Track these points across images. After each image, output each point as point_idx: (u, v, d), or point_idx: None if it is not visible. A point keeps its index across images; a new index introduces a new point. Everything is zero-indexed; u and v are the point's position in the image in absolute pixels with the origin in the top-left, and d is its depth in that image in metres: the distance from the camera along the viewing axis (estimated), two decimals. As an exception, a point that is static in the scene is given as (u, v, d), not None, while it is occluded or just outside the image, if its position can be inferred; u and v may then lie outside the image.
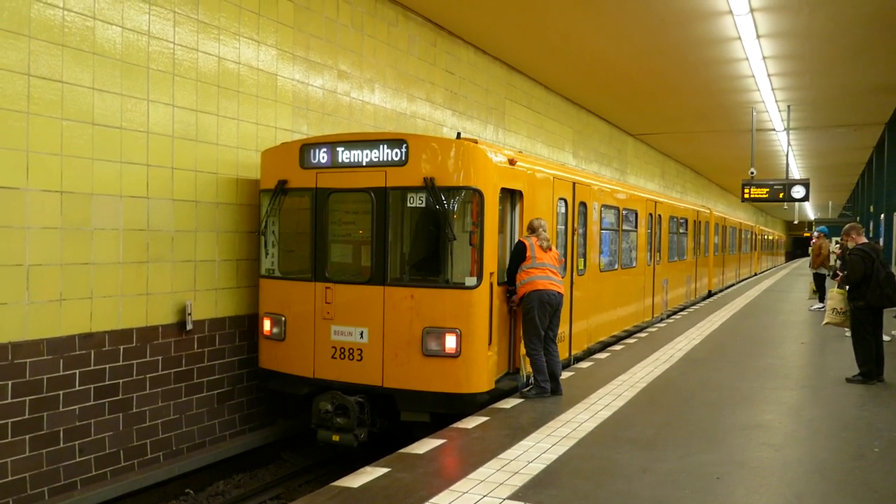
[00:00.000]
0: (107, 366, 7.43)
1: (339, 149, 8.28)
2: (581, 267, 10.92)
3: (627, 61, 15.81)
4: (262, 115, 9.34)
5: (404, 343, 7.80)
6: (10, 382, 6.52)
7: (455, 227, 7.77)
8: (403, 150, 7.92)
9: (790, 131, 21.12)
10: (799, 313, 18.39)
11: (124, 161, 7.53)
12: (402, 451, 6.27)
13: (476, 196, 7.77)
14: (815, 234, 19.62)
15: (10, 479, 6.50)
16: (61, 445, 6.99)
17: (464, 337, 7.63)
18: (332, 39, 10.50)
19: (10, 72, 6.44)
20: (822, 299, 18.33)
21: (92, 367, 7.27)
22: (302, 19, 9.91)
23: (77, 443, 7.14)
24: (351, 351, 8.06)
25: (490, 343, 7.88)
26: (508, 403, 7.97)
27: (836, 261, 16.55)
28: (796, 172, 34.55)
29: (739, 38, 13.49)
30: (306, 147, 8.48)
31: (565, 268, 10.22)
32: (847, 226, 10.40)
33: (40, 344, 6.77)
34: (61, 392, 6.98)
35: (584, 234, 11.11)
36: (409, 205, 8.06)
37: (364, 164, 8.13)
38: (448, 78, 13.50)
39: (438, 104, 13.19)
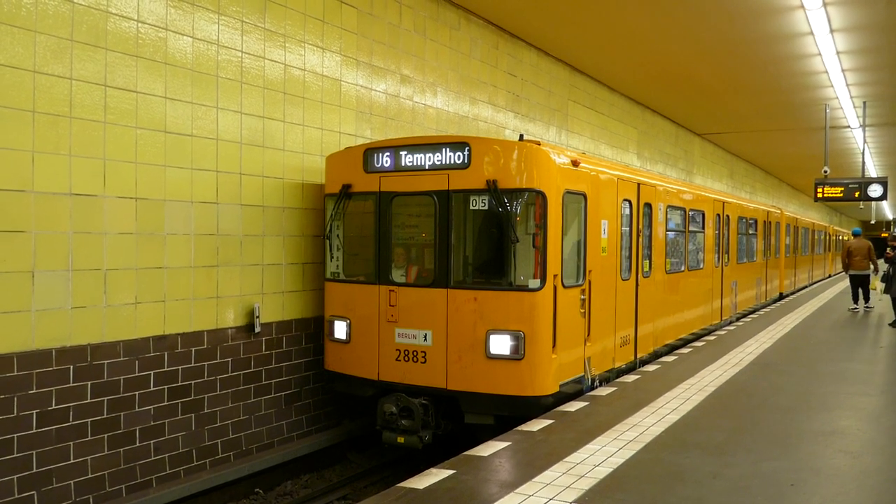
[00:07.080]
0: (179, 367, 7.65)
1: (402, 153, 8.34)
2: (646, 269, 10.75)
3: (694, 60, 15.50)
4: (327, 120, 9.48)
5: (468, 345, 7.81)
6: (88, 383, 6.77)
7: (518, 229, 7.74)
8: (466, 152, 7.93)
9: (866, 128, 20.35)
10: (875, 316, 17.69)
11: (195, 168, 7.75)
12: (467, 453, 6.27)
13: (539, 198, 7.73)
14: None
15: (89, 475, 6.74)
16: (137, 444, 7.22)
17: (527, 339, 7.60)
18: (394, 44, 10.60)
19: (89, 83, 6.70)
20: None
21: (165, 369, 7.50)
22: (365, 25, 10.03)
23: (152, 442, 7.37)
24: (415, 353, 8.11)
25: (554, 346, 7.82)
26: (573, 406, 7.89)
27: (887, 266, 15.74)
28: (873, 171, 33.30)
29: (812, 33, 13.07)
30: (370, 151, 8.57)
31: (630, 269, 10.09)
32: None
33: (117, 346, 7.01)
34: (137, 392, 7.22)
35: (650, 236, 10.93)
36: (471, 207, 8.07)
37: (427, 167, 8.17)
38: (510, 80, 13.47)
39: (501, 107, 13.17)
